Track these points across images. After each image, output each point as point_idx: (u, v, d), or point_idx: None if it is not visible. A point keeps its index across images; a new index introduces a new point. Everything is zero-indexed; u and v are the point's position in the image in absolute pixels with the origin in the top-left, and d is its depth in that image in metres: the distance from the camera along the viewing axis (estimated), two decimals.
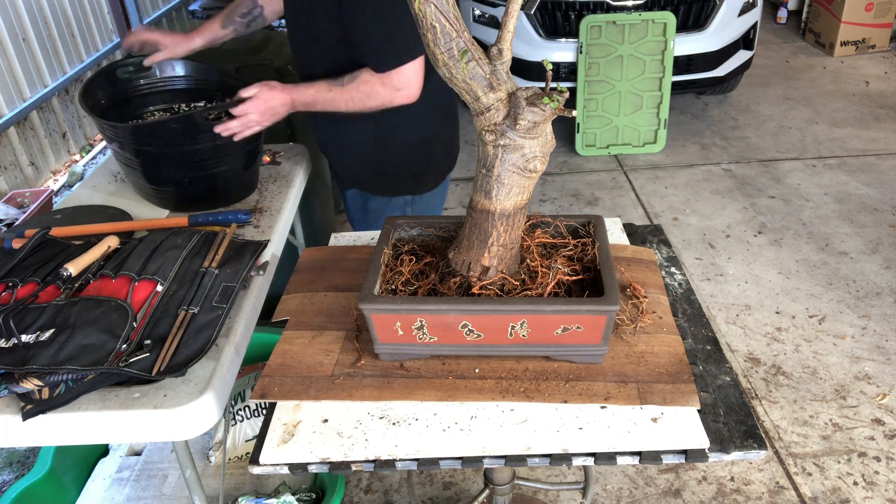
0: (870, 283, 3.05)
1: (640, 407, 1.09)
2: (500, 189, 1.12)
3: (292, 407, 1.14)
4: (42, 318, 1.28)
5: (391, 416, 1.11)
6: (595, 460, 1.06)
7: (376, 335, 1.15)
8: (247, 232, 1.68)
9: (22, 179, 3.93)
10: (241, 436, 2.03)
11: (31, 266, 1.45)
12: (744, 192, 3.82)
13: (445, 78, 1.04)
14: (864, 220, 3.50)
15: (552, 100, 1.02)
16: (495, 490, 1.55)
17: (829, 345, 2.71)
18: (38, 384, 1.16)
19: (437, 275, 1.22)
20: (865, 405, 2.43)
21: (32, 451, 2.35)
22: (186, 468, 1.40)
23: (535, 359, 1.18)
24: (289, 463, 1.07)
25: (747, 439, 1.06)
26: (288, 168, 2.00)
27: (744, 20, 4.26)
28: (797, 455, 2.27)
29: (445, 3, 0.96)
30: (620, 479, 2.21)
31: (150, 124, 1.75)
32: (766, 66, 5.43)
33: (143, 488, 1.97)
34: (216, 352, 1.29)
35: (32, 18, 4.08)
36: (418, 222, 1.35)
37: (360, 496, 2.20)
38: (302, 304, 1.37)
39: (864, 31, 5.51)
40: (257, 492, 1.95)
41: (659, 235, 1.60)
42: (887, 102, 4.80)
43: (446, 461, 1.07)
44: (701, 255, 3.30)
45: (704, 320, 1.32)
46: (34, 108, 4.03)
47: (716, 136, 4.45)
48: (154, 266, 1.42)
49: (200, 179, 1.72)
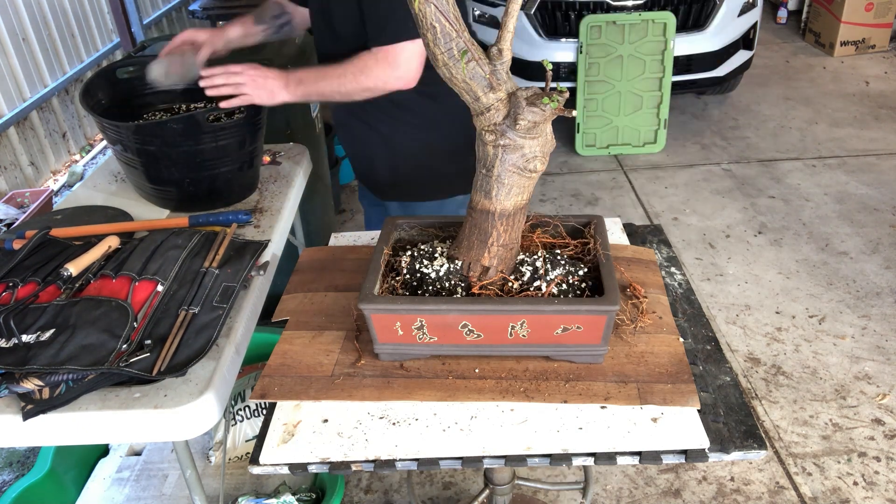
0: (870, 283, 3.05)
1: (640, 407, 1.09)
2: (500, 189, 1.12)
3: (292, 407, 1.14)
4: (42, 318, 1.28)
5: (391, 416, 1.11)
6: (595, 460, 1.06)
7: (376, 335, 1.15)
8: (247, 232, 1.68)
9: (22, 179, 3.93)
10: (241, 436, 2.03)
11: (32, 266, 1.45)
12: (744, 192, 3.82)
13: (445, 78, 1.04)
14: (864, 220, 3.50)
15: (552, 100, 1.02)
16: (495, 490, 1.55)
17: (829, 345, 2.71)
18: (38, 384, 1.16)
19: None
20: (865, 405, 2.43)
21: (32, 451, 2.35)
22: (186, 468, 1.40)
23: (535, 359, 1.18)
24: (289, 463, 1.07)
25: (747, 439, 1.06)
26: (288, 168, 2.00)
27: (744, 20, 4.26)
28: (797, 455, 2.27)
29: (445, 3, 0.96)
30: (620, 479, 2.21)
31: (151, 124, 1.75)
32: (766, 66, 5.43)
33: (143, 488, 1.97)
34: (216, 352, 1.29)
35: (32, 18, 4.08)
36: (418, 222, 1.35)
37: (360, 496, 2.20)
38: (302, 304, 1.37)
39: (864, 31, 5.51)
40: (257, 492, 1.95)
41: (659, 235, 1.60)
42: (887, 102, 4.79)
43: (446, 461, 1.07)
44: (701, 255, 3.30)
45: (704, 320, 1.32)
46: (34, 108, 4.03)
47: (716, 136, 4.45)
48: (154, 266, 1.42)
49: (201, 180, 1.72)
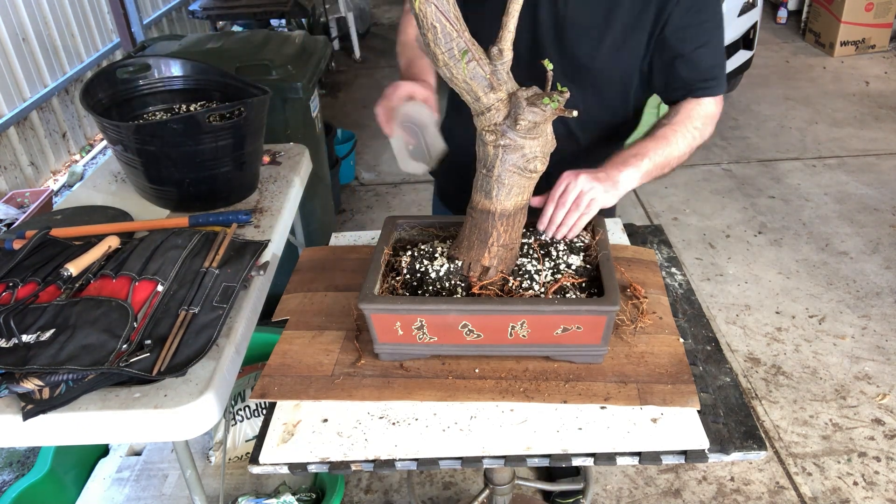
0: (870, 283, 3.05)
1: (640, 407, 1.09)
2: (500, 189, 1.12)
3: (292, 407, 1.14)
4: (42, 318, 1.28)
5: (391, 416, 1.11)
6: (595, 460, 1.06)
7: (376, 335, 1.15)
8: (247, 232, 1.68)
9: (22, 179, 3.93)
10: (241, 436, 2.03)
11: (32, 266, 1.45)
12: (744, 192, 3.82)
13: (446, 78, 1.04)
14: (864, 220, 3.50)
15: (552, 100, 1.02)
16: (495, 490, 1.55)
17: (829, 345, 2.71)
18: (38, 384, 1.16)
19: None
20: (865, 405, 2.43)
21: (32, 451, 2.35)
22: (186, 468, 1.40)
23: (535, 359, 1.18)
24: (289, 463, 1.07)
25: (747, 440, 1.06)
26: (288, 168, 2.00)
27: (744, 20, 4.26)
28: (797, 455, 2.27)
29: (446, 2, 0.96)
30: (620, 479, 2.21)
31: (151, 124, 1.75)
32: (766, 66, 5.43)
33: (143, 488, 1.97)
34: (216, 352, 1.29)
35: (32, 18, 4.08)
36: (418, 222, 1.35)
37: (360, 496, 2.20)
38: (302, 304, 1.37)
39: (864, 31, 5.51)
40: (257, 492, 1.95)
41: (659, 235, 1.60)
42: (887, 102, 4.79)
43: (446, 461, 1.07)
44: (701, 255, 3.30)
45: (704, 320, 1.32)
46: (34, 108, 4.03)
47: (716, 136, 4.42)
48: (155, 266, 1.42)
49: (201, 180, 1.72)
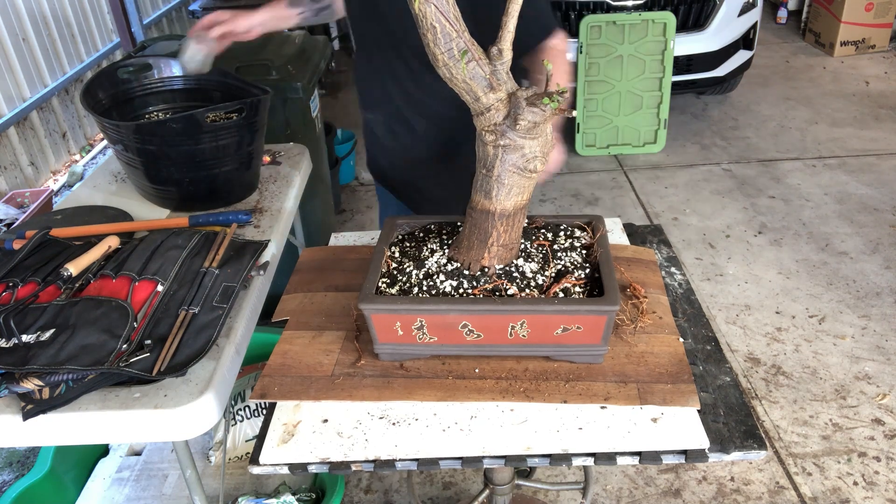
0: (870, 283, 3.05)
1: (640, 407, 1.09)
2: (500, 189, 1.12)
3: (292, 407, 1.14)
4: (42, 318, 1.28)
5: (391, 416, 1.11)
6: (595, 460, 1.06)
7: (376, 335, 1.15)
8: (247, 232, 1.68)
9: (22, 179, 3.93)
10: (241, 436, 2.03)
11: (32, 266, 1.45)
12: (744, 192, 3.82)
13: (445, 78, 1.04)
14: (864, 220, 3.50)
15: (552, 100, 1.02)
16: (495, 490, 1.55)
17: (829, 345, 2.71)
18: (38, 384, 1.16)
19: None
20: (865, 405, 2.43)
21: (32, 451, 2.35)
22: (186, 468, 1.40)
23: (535, 359, 1.18)
24: (289, 463, 1.07)
25: (747, 439, 1.06)
26: (288, 168, 2.00)
27: (744, 20, 4.26)
28: (797, 455, 2.27)
29: (446, 3, 0.96)
30: (620, 479, 2.21)
31: (151, 124, 1.75)
32: (766, 66, 5.43)
33: (143, 488, 1.97)
34: (216, 352, 1.29)
35: (32, 18, 4.08)
36: (418, 222, 1.35)
37: (360, 496, 2.20)
38: (302, 304, 1.37)
39: (864, 31, 5.51)
40: (257, 492, 1.95)
41: (659, 235, 1.60)
42: (887, 102, 4.79)
43: (446, 461, 1.07)
44: (701, 255, 3.30)
45: (704, 320, 1.32)
46: (34, 108, 4.03)
47: (716, 136, 4.45)
48: (154, 266, 1.42)
49: (201, 179, 1.72)
